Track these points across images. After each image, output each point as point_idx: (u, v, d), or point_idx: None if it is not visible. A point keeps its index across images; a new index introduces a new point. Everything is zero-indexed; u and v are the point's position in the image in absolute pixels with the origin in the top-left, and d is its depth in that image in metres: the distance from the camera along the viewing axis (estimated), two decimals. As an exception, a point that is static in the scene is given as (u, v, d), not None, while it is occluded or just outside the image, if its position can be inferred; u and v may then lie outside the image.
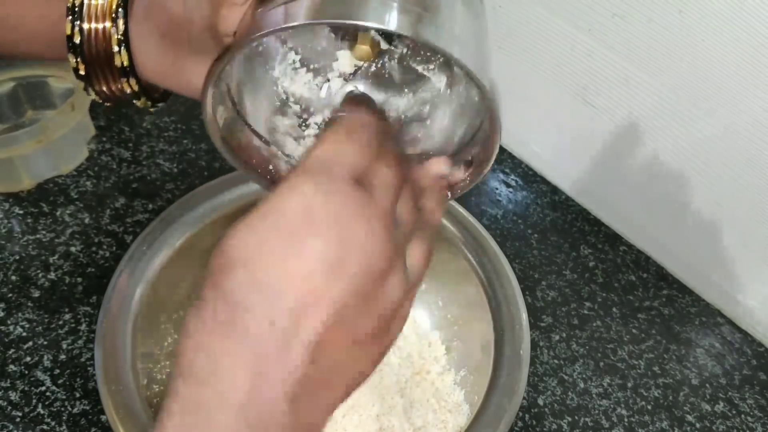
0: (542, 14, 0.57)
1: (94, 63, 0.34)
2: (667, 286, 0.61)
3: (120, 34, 0.33)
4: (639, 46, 0.52)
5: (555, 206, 0.65)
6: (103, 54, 0.34)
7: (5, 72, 0.63)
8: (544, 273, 0.60)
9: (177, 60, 0.33)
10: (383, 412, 0.48)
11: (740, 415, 0.53)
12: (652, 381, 0.55)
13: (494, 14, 0.61)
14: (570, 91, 0.59)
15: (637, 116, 0.56)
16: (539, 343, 0.56)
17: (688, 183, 0.56)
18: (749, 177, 0.52)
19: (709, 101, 0.50)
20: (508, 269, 0.49)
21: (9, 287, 0.53)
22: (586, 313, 0.58)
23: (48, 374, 0.49)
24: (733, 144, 0.51)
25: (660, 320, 0.58)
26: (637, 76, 0.54)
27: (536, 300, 0.58)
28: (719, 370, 0.56)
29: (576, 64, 0.57)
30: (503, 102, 0.67)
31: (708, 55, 0.49)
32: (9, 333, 0.51)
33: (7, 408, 0.47)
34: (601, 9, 0.53)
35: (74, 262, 0.55)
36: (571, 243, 0.63)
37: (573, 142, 0.63)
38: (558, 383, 0.54)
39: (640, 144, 0.57)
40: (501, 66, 0.63)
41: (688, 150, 0.54)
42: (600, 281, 0.60)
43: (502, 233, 0.63)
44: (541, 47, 0.59)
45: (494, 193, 0.66)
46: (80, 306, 0.53)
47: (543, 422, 0.51)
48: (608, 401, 0.53)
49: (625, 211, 0.63)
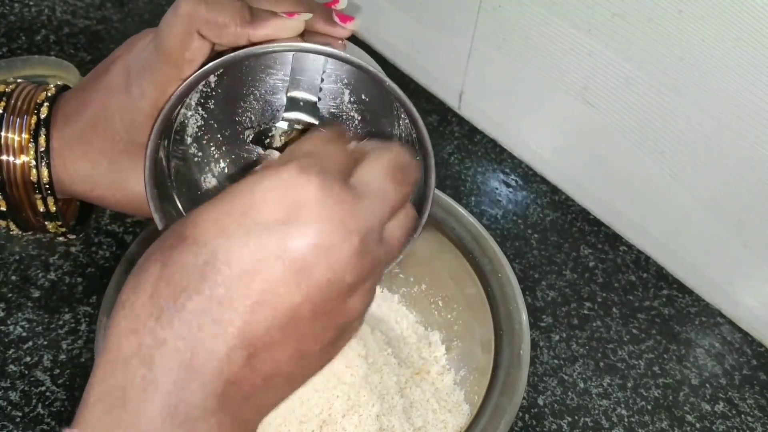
0: (542, 14, 0.57)
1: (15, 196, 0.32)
2: (667, 286, 0.61)
3: (42, 150, 0.31)
4: (639, 46, 0.52)
5: (555, 206, 0.65)
6: (22, 183, 0.32)
7: (5, 72, 0.63)
8: (544, 273, 0.60)
9: (111, 165, 0.32)
10: (383, 412, 0.48)
11: (740, 415, 0.53)
12: (652, 381, 0.55)
13: (494, 14, 0.61)
14: (570, 91, 0.59)
15: (637, 116, 0.56)
16: (539, 343, 0.56)
17: (688, 183, 0.56)
18: (749, 177, 0.52)
19: (710, 101, 0.50)
20: (508, 269, 0.49)
21: (9, 287, 0.53)
22: (586, 313, 0.58)
23: (48, 374, 0.49)
24: (733, 144, 0.51)
25: (660, 320, 0.58)
26: (637, 76, 0.54)
27: (536, 300, 0.58)
28: (719, 370, 0.56)
29: (576, 64, 0.57)
30: (503, 102, 0.67)
31: (708, 55, 0.49)
32: (9, 333, 0.51)
33: (7, 408, 0.47)
34: (601, 9, 0.53)
35: (74, 262, 0.55)
36: (571, 243, 0.63)
37: (573, 142, 0.63)
38: (558, 383, 0.54)
39: (640, 144, 0.57)
40: (501, 66, 0.63)
41: (688, 150, 0.54)
42: (600, 281, 0.60)
43: (502, 233, 0.63)
44: (541, 47, 0.59)
45: (494, 193, 0.66)
46: (80, 306, 0.53)
47: (543, 422, 0.51)
48: (608, 401, 0.53)
49: (625, 211, 0.63)
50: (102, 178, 0.32)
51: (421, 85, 0.73)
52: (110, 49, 0.74)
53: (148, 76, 0.30)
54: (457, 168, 0.67)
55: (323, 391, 0.46)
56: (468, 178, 0.66)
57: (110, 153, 0.32)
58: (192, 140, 0.33)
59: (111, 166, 0.32)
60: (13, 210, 0.33)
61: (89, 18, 0.75)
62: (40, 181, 0.32)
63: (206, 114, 0.33)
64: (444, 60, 0.69)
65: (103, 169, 0.32)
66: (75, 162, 0.32)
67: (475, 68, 0.67)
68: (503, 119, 0.68)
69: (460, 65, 0.67)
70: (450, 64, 0.69)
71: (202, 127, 0.33)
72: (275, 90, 0.33)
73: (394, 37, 0.73)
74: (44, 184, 0.32)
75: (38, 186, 0.32)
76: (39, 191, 0.32)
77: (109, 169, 0.32)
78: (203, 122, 0.33)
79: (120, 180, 0.32)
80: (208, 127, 0.33)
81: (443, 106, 0.72)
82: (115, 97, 0.31)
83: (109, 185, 0.32)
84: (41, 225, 0.34)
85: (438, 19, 0.67)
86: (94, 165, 0.32)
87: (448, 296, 0.53)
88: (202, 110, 0.33)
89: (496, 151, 0.69)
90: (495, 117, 0.69)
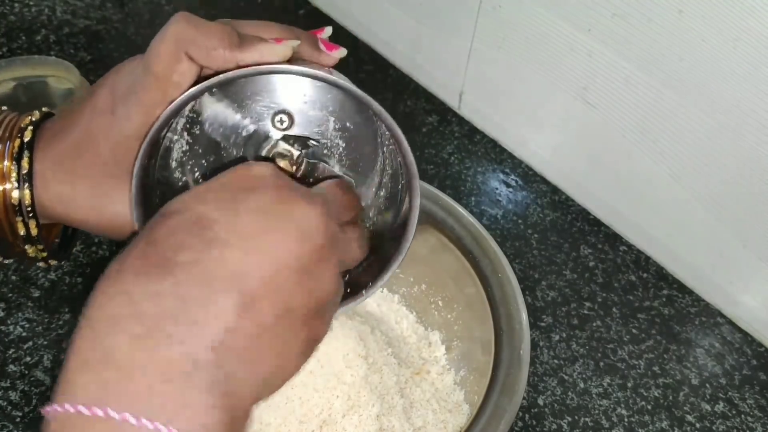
0: (542, 14, 0.57)
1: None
2: (667, 286, 0.61)
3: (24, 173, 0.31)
4: (639, 46, 0.52)
5: (555, 206, 0.65)
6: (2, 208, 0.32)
7: (5, 72, 0.63)
8: (544, 273, 0.60)
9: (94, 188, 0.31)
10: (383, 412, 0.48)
11: (740, 415, 0.53)
12: (652, 381, 0.55)
13: (494, 14, 0.61)
14: (570, 91, 0.59)
15: (637, 116, 0.56)
16: (539, 343, 0.56)
17: (688, 183, 0.56)
18: (749, 177, 0.52)
19: (710, 101, 0.50)
20: (508, 269, 0.49)
21: (9, 287, 0.53)
22: (586, 313, 0.58)
23: (48, 374, 0.49)
24: (733, 144, 0.51)
25: (660, 320, 0.58)
26: (637, 76, 0.54)
27: (536, 300, 0.58)
28: (719, 370, 0.56)
29: (576, 64, 0.57)
30: (503, 102, 0.67)
31: (708, 55, 0.49)
32: (9, 333, 0.51)
33: (7, 408, 0.47)
34: (601, 9, 0.53)
35: (74, 262, 0.55)
36: (571, 243, 0.63)
37: (573, 142, 0.63)
38: (558, 383, 0.54)
39: (640, 144, 0.57)
40: (501, 66, 0.64)
41: (688, 150, 0.54)
42: (600, 281, 0.60)
43: (502, 233, 0.63)
44: (541, 47, 0.59)
45: (494, 193, 0.66)
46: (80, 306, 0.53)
47: (543, 422, 0.51)
48: (608, 401, 0.53)
49: (625, 211, 0.63)
50: (84, 201, 0.32)
51: (421, 85, 0.73)
52: (110, 49, 0.74)
53: (134, 98, 0.30)
54: (457, 168, 0.67)
55: (323, 391, 0.46)
56: (468, 178, 0.66)
57: (94, 176, 0.31)
58: (177, 165, 0.33)
59: (94, 190, 0.31)
60: None
61: (89, 18, 0.75)
62: (22, 204, 0.31)
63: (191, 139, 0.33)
64: (444, 60, 0.69)
65: (86, 192, 0.32)
66: (57, 184, 0.32)
67: (475, 68, 0.67)
68: (503, 119, 0.68)
69: (460, 65, 0.67)
70: (450, 64, 0.69)
71: (187, 152, 0.33)
72: (261, 117, 0.33)
73: (394, 37, 0.73)
74: (26, 206, 0.32)
75: (20, 209, 0.32)
76: (20, 214, 0.32)
77: (92, 193, 0.32)
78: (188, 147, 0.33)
79: (102, 203, 0.32)
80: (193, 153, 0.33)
81: (443, 106, 0.72)
82: (100, 118, 0.31)
83: (90, 208, 0.32)
84: (21, 250, 0.33)
85: (438, 19, 0.67)
86: (76, 187, 0.31)
87: (448, 296, 0.53)
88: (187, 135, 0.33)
89: (496, 151, 0.69)
90: (495, 117, 0.69)
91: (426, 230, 0.51)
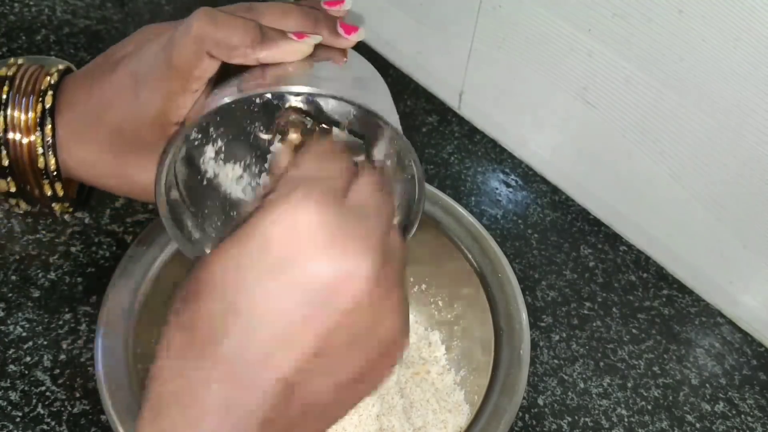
0: (542, 14, 0.57)
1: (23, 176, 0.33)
2: (667, 286, 0.61)
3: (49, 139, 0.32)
4: (639, 46, 0.52)
5: (555, 206, 0.65)
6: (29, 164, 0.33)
7: (5, 72, 0.63)
8: (544, 273, 0.60)
9: (117, 158, 0.33)
10: (383, 412, 0.48)
11: (740, 415, 0.53)
12: (652, 381, 0.55)
13: (494, 14, 0.61)
14: (570, 91, 0.59)
15: (637, 116, 0.56)
16: (539, 343, 0.56)
17: (688, 183, 0.56)
18: (749, 177, 0.52)
19: (710, 101, 0.50)
20: (508, 269, 0.49)
21: (9, 287, 0.53)
22: (586, 313, 0.58)
23: (48, 374, 0.49)
24: (733, 144, 0.51)
25: (660, 320, 0.58)
26: (637, 76, 0.54)
27: (536, 300, 0.58)
28: (719, 370, 0.56)
29: (576, 64, 0.57)
30: (503, 102, 0.67)
31: (708, 55, 0.49)
32: (9, 333, 0.51)
33: (7, 408, 0.47)
34: (601, 9, 0.53)
35: (74, 262, 0.55)
36: (571, 243, 0.63)
37: (573, 142, 0.63)
38: (558, 383, 0.54)
39: (640, 144, 0.57)
40: (501, 66, 0.64)
41: (688, 150, 0.54)
42: (600, 281, 0.60)
43: (502, 233, 0.63)
44: (541, 47, 0.59)
45: (494, 193, 0.66)
46: (80, 306, 0.53)
47: (543, 422, 0.51)
48: (608, 401, 0.53)
49: (625, 211, 0.63)
50: (107, 169, 0.33)
51: (421, 85, 0.73)
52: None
53: (156, 85, 0.30)
54: (457, 168, 0.67)
55: (323, 391, 0.46)
56: (468, 178, 0.66)
57: (116, 146, 0.32)
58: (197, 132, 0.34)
59: (116, 159, 0.33)
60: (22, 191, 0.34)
61: (89, 18, 0.75)
62: (47, 169, 0.33)
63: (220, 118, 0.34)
64: (444, 60, 0.69)
65: (108, 161, 0.33)
66: (80, 150, 0.33)
67: (475, 68, 0.67)
68: (503, 119, 0.68)
69: (460, 65, 0.67)
70: (450, 64, 0.69)
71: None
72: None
73: (394, 37, 0.73)
74: (51, 171, 0.33)
75: (46, 172, 0.33)
76: (47, 177, 0.33)
77: (115, 162, 0.33)
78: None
79: (125, 171, 0.33)
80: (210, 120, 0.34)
81: (443, 106, 0.72)
82: (122, 97, 0.32)
83: (114, 175, 0.33)
84: (47, 204, 0.35)
85: (438, 19, 0.67)
86: (99, 155, 0.33)
87: (448, 296, 0.53)
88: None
89: (496, 151, 0.69)
90: (495, 117, 0.69)
91: (426, 230, 0.51)
